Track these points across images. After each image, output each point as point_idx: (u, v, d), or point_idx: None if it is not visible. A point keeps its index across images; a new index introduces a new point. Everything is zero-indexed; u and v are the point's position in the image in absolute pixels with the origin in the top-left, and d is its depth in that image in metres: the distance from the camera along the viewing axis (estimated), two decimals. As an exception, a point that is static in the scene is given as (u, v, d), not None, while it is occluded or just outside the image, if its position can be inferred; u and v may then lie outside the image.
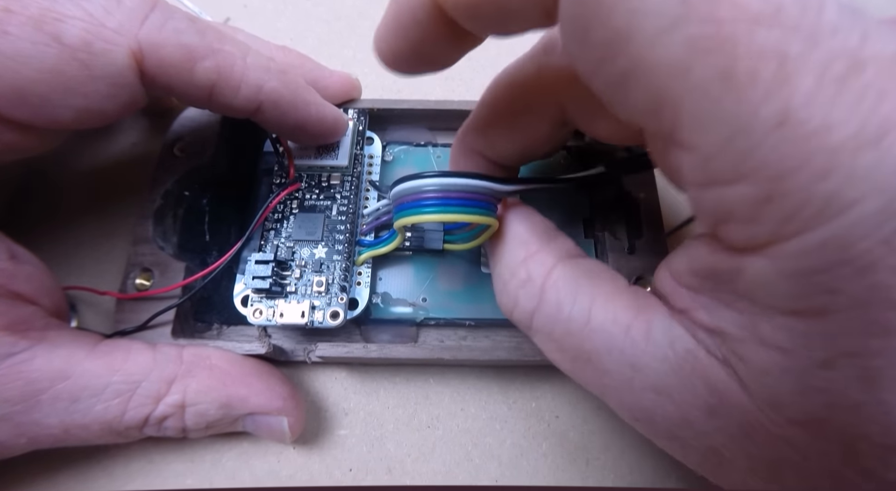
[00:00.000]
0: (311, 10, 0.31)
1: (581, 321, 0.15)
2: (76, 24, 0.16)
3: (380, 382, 0.22)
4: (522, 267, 0.16)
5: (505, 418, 0.22)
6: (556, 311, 0.15)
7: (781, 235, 0.10)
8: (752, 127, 0.09)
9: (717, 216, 0.11)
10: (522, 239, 0.17)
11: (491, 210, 0.17)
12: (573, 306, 0.15)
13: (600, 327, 0.14)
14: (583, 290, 0.15)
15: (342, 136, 0.22)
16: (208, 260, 0.23)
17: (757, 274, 0.11)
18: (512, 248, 0.17)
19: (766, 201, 0.10)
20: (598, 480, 0.21)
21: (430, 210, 0.16)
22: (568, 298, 0.15)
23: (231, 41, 0.19)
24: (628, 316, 0.14)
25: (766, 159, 0.10)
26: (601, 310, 0.15)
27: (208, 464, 0.21)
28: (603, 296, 0.15)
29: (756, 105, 0.09)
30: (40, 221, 0.25)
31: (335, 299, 0.20)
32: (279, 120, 0.20)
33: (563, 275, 0.16)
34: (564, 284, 0.15)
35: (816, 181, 0.09)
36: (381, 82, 0.29)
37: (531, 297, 0.16)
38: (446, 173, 0.17)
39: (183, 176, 0.23)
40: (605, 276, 0.16)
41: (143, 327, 0.20)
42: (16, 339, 0.17)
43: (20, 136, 0.18)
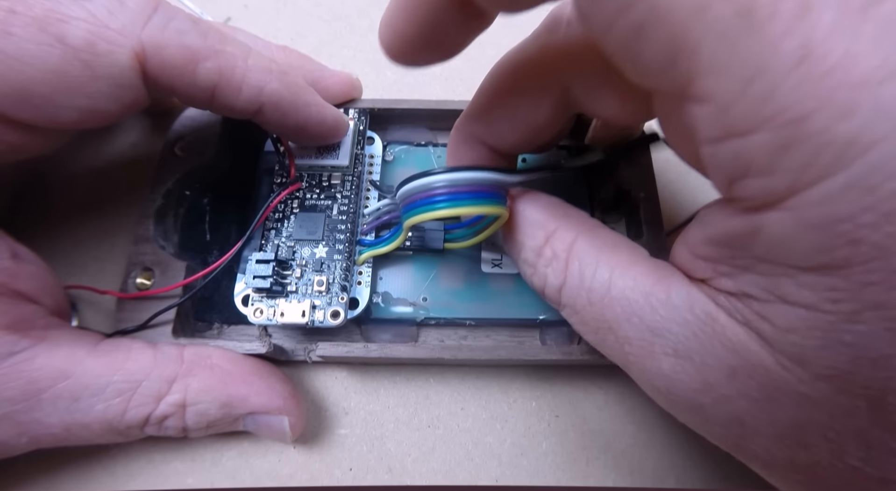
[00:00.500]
0: (311, 10, 0.31)
1: (602, 290, 0.15)
2: (80, 25, 0.17)
3: (380, 381, 0.22)
4: (547, 247, 0.17)
5: (505, 418, 0.22)
6: (579, 282, 0.16)
7: (800, 184, 0.10)
8: (771, 66, 0.09)
9: (733, 172, 0.11)
10: (539, 222, 0.17)
11: (501, 200, 0.18)
12: (594, 276, 0.15)
13: (620, 295, 0.15)
14: (603, 259, 0.15)
15: (343, 138, 0.22)
16: (209, 259, 0.23)
17: (776, 230, 0.10)
18: (532, 232, 0.17)
19: (784, 149, 0.09)
20: (598, 479, 0.21)
21: (441, 206, 0.17)
22: (589, 268, 0.15)
23: (233, 42, 0.19)
24: (647, 283, 0.14)
25: (785, 102, 0.09)
26: (621, 278, 0.15)
27: (209, 463, 0.21)
28: (622, 265, 0.15)
29: (776, 41, 0.09)
30: (41, 221, 0.25)
31: (336, 299, 0.20)
32: (280, 121, 0.20)
33: (584, 246, 0.16)
34: (586, 255, 0.16)
35: (838, 121, 0.09)
36: (381, 82, 0.29)
37: (558, 273, 0.16)
38: (453, 169, 0.17)
39: (184, 175, 0.23)
40: (624, 246, 0.16)
41: (144, 327, 0.20)
42: (17, 338, 0.17)
43: (23, 136, 0.18)
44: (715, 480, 0.21)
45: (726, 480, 0.21)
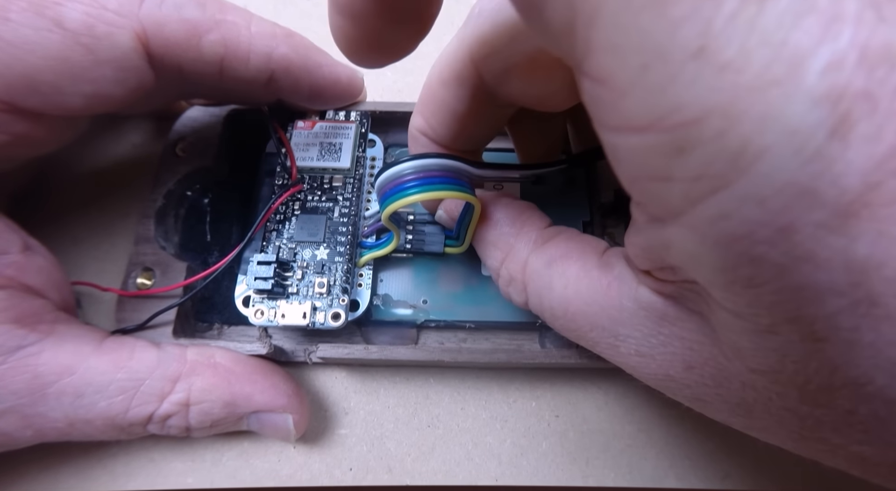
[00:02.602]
0: (311, 10, 0.31)
1: (561, 308, 0.16)
2: (76, 7, 0.16)
3: (380, 381, 0.22)
4: (504, 269, 0.17)
5: (505, 418, 0.22)
6: (538, 301, 0.16)
7: (695, 196, 0.09)
8: (669, 53, 0.08)
9: (630, 173, 0.10)
10: (493, 242, 0.18)
11: (470, 189, 0.18)
12: (550, 296, 0.16)
13: (577, 310, 0.15)
14: (556, 276, 0.16)
15: (358, 97, 0.22)
16: (209, 260, 0.23)
17: (680, 247, 0.10)
18: (490, 253, 0.18)
19: (678, 153, 0.08)
20: (598, 479, 0.21)
21: (412, 191, 0.17)
22: (545, 289, 0.16)
23: (233, 10, 0.19)
24: (600, 293, 0.15)
25: (679, 98, 0.08)
26: (575, 294, 0.15)
27: (209, 463, 0.21)
28: (575, 277, 0.15)
29: (676, 24, 0.08)
30: (42, 221, 0.25)
31: (336, 301, 0.20)
32: (293, 87, 0.20)
33: (537, 266, 0.16)
34: (539, 276, 0.16)
35: (730, 126, 0.08)
36: (381, 83, 0.29)
37: (519, 293, 0.17)
38: (422, 155, 0.17)
39: (185, 176, 0.23)
40: (575, 254, 0.16)
41: (144, 326, 0.20)
42: (25, 332, 0.17)
43: (32, 126, 0.18)
44: (715, 480, 0.21)
45: (726, 479, 0.21)
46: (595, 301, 0.15)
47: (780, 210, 0.08)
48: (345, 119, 0.23)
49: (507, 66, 0.16)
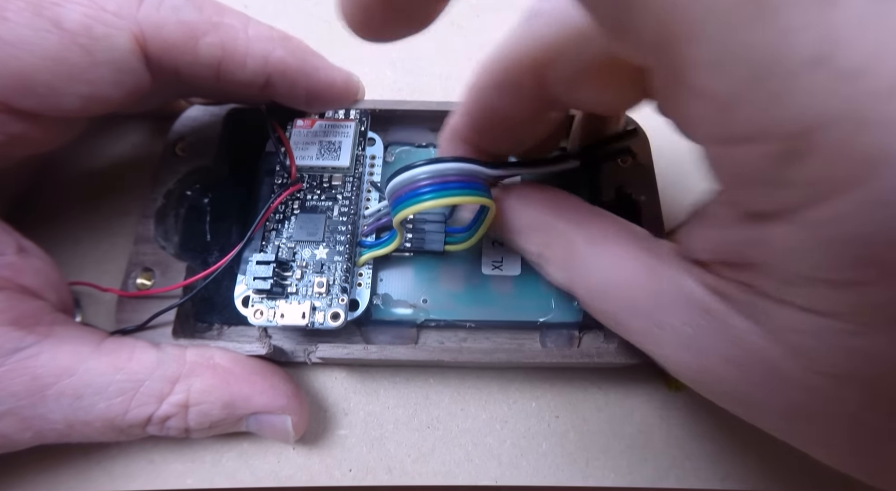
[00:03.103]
0: (311, 10, 0.31)
1: (601, 289, 0.16)
2: (75, 8, 0.16)
3: (380, 382, 0.22)
4: (547, 250, 0.17)
5: (505, 418, 0.22)
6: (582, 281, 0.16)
7: (811, 200, 0.09)
8: (783, 65, 0.08)
9: (735, 178, 0.10)
10: (531, 225, 0.18)
11: (486, 191, 0.18)
12: (591, 274, 0.16)
13: (618, 293, 0.15)
14: (599, 256, 0.16)
15: (356, 100, 0.22)
16: (209, 260, 0.23)
17: (784, 243, 0.10)
18: (529, 237, 0.18)
19: (794, 160, 0.09)
20: (598, 479, 0.21)
21: (427, 197, 0.17)
22: (589, 267, 0.16)
23: (230, 13, 0.19)
24: (643, 276, 0.15)
25: (797, 109, 0.08)
26: (617, 274, 0.15)
27: (208, 464, 0.21)
28: (619, 258, 0.15)
29: (791, 35, 0.08)
30: (42, 221, 0.25)
31: (336, 300, 0.20)
32: (289, 90, 0.20)
33: (580, 247, 0.16)
34: (583, 255, 0.16)
35: (857, 133, 0.08)
36: (381, 83, 0.29)
37: (562, 273, 0.17)
38: (436, 160, 0.17)
39: (185, 176, 0.23)
40: (619, 235, 0.16)
41: (144, 327, 0.20)
42: (23, 334, 0.17)
43: (28, 126, 0.17)
44: (715, 480, 0.21)
45: (726, 479, 0.21)
46: (639, 283, 0.15)
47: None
48: (344, 117, 0.23)
49: (577, 71, 0.15)
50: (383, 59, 0.29)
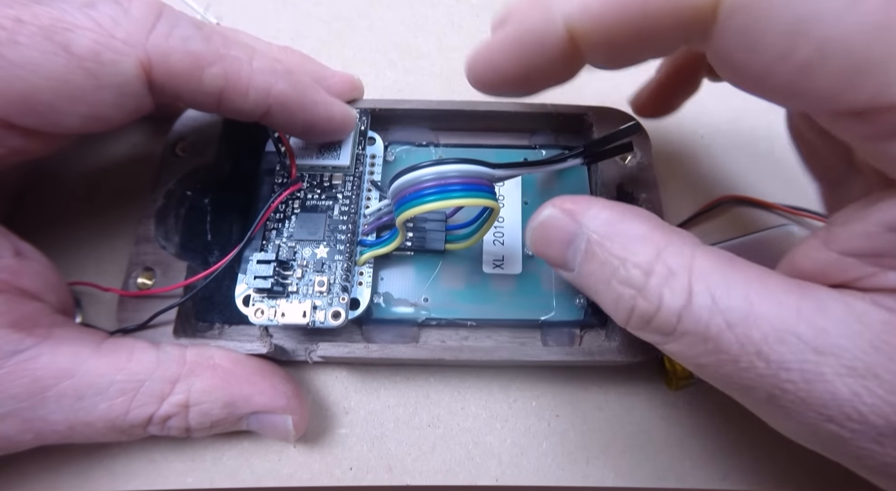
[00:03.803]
0: (311, 10, 0.31)
1: (742, 310, 0.13)
2: (85, 34, 0.17)
3: (380, 381, 0.22)
4: (659, 263, 0.14)
5: (505, 417, 0.22)
6: (711, 303, 0.13)
7: None
8: None
9: None
10: (645, 236, 0.15)
11: (490, 192, 0.18)
12: (729, 293, 0.13)
13: (767, 313, 0.12)
14: (733, 276, 0.13)
15: (350, 133, 0.22)
16: (210, 259, 0.23)
17: None
18: (636, 248, 0.15)
19: None
20: (598, 479, 0.21)
21: (431, 198, 0.17)
22: (721, 286, 0.13)
23: (237, 45, 0.19)
24: (793, 297, 0.13)
25: None
26: (760, 294, 0.13)
27: (209, 463, 0.21)
28: (756, 279, 0.13)
29: None
30: (42, 221, 0.25)
31: (337, 299, 0.20)
32: (288, 121, 0.20)
33: (707, 262, 0.14)
34: (711, 271, 0.14)
35: None
36: (381, 82, 0.29)
37: (679, 293, 0.13)
38: (440, 161, 0.17)
39: (185, 175, 0.23)
40: (743, 260, 0.14)
41: (145, 326, 0.20)
42: (22, 336, 0.17)
43: (26, 141, 0.18)
44: (715, 480, 0.21)
45: (726, 479, 0.21)
46: (789, 303, 0.12)
47: None
48: (345, 118, 0.23)
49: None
50: (383, 59, 0.29)
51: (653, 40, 0.13)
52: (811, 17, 0.10)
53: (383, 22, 0.30)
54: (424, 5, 0.31)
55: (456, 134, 0.25)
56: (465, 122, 0.25)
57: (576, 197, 0.16)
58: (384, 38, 0.30)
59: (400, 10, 0.31)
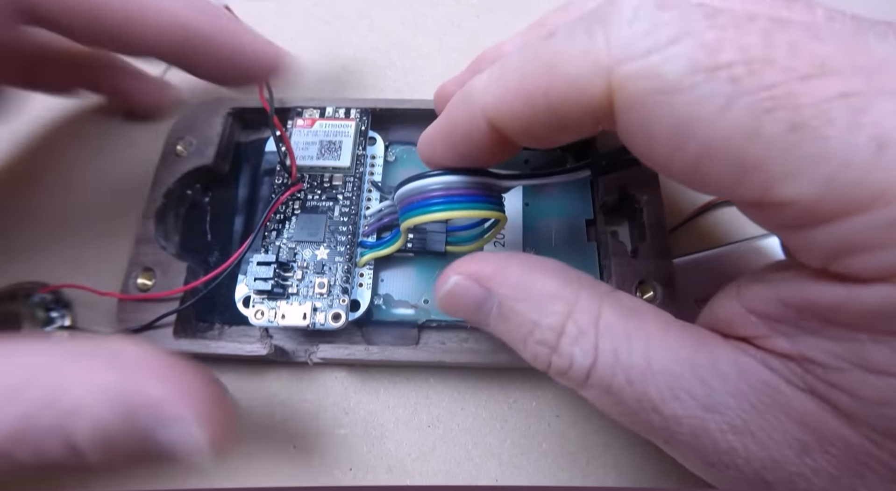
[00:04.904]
0: (311, 10, 0.31)
1: (641, 366, 0.13)
2: None
3: (380, 381, 0.22)
4: (570, 322, 0.14)
5: (505, 418, 0.22)
6: (613, 360, 0.14)
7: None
8: (852, 159, 0.10)
9: (834, 251, 0.11)
10: (555, 293, 0.15)
11: (498, 204, 0.18)
12: (630, 350, 0.14)
13: (662, 369, 0.13)
14: (634, 330, 0.14)
15: (285, 72, 0.20)
16: (210, 259, 0.23)
17: (880, 303, 0.11)
18: (548, 307, 0.15)
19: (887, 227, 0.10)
20: (598, 479, 0.21)
21: (436, 208, 0.17)
22: (623, 343, 0.14)
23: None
24: (689, 352, 0.13)
25: (883, 184, 0.10)
26: (659, 349, 0.13)
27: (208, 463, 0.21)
28: (656, 333, 0.14)
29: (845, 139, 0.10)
30: (42, 221, 0.25)
31: (337, 301, 0.20)
32: (203, 58, 0.18)
33: (611, 317, 0.14)
34: (615, 327, 0.14)
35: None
36: (381, 82, 0.29)
37: (587, 351, 0.14)
38: (448, 171, 0.17)
39: (185, 175, 0.23)
40: (648, 310, 0.15)
41: (150, 327, 0.20)
42: None
43: None
44: (713, 481, 0.21)
45: (725, 480, 0.21)
46: (684, 359, 0.13)
47: None
48: (345, 116, 0.23)
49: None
50: (383, 59, 0.29)
51: (567, 128, 0.14)
52: (691, 118, 0.11)
53: (383, 22, 0.30)
54: (424, 5, 0.31)
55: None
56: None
57: (479, 256, 0.16)
58: (384, 38, 0.30)
59: (400, 10, 0.31)
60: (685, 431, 0.13)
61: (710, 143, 0.11)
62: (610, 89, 0.12)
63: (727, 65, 0.11)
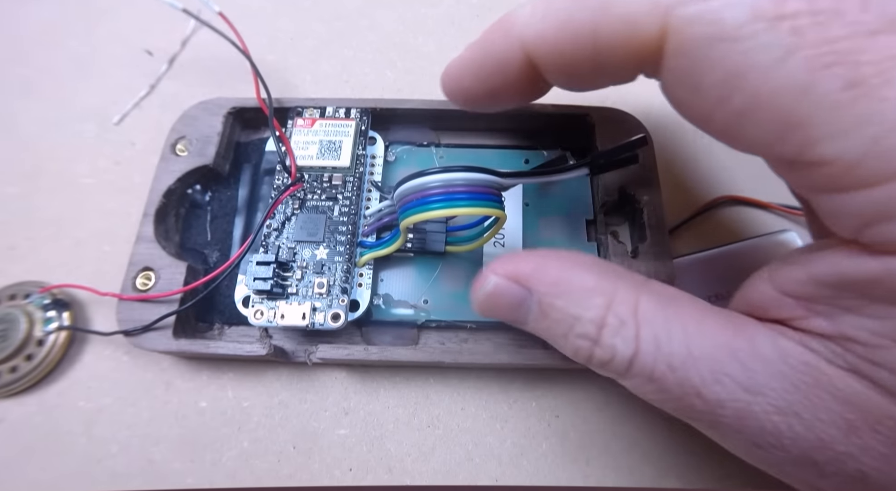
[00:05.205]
0: (311, 10, 0.31)
1: (682, 353, 0.13)
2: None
3: (380, 381, 0.22)
4: (610, 314, 0.15)
5: (505, 418, 0.22)
6: (654, 348, 0.14)
7: None
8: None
9: (868, 218, 0.11)
10: (594, 287, 0.15)
11: (497, 201, 0.17)
12: (670, 338, 0.14)
13: (703, 354, 0.13)
14: (673, 318, 0.14)
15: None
16: (210, 259, 0.23)
17: None
18: (588, 301, 0.15)
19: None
20: (598, 479, 0.21)
21: (436, 206, 0.17)
22: (663, 331, 0.14)
23: None
24: (727, 337, 0.13)
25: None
26: (698, 335, 0.14)
27: (208, 463, 0.21)
28: (694, 320, 0.14)
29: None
30: (42, 221, 0.25)
31: (336, 301, 0.20)
32: None
33: (650, 306, 0.14)
34: (654, 316, 0.14)
35: None
36: (381, 82, 0.29)
37: (628, 341, 0.14)
38: (447, 168, 0.17)
39: (185, 175, 0.23)
40: (683, 297, 0.15)
41: (149, 329, 0.20)
42: None
43: None
44: (715, 480, 0.21)
45: (726, 480, 0.21)
46: (723, 344, 0.13)
47: None
48: (345, 116, 0.23)
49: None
50: (383, 59, 0.29)
51: (606, 70, 0.14)
52: (744, 69, 0.11)
53: (383, 22, 0.30)
54: (424, 5, 0.31)
55: (457, 134, 0.25)
56: (466, 122, 0.25)
57: (516, 256, 0.16)
58: (384, 38, 0.30)
59: (400, 10, 0.31)
60: (729, 413, 0.13)
61: (758, 96, 0.11)
62: (663, 32, 0.12)
63: (792, 15, 0.10)
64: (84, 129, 0.27)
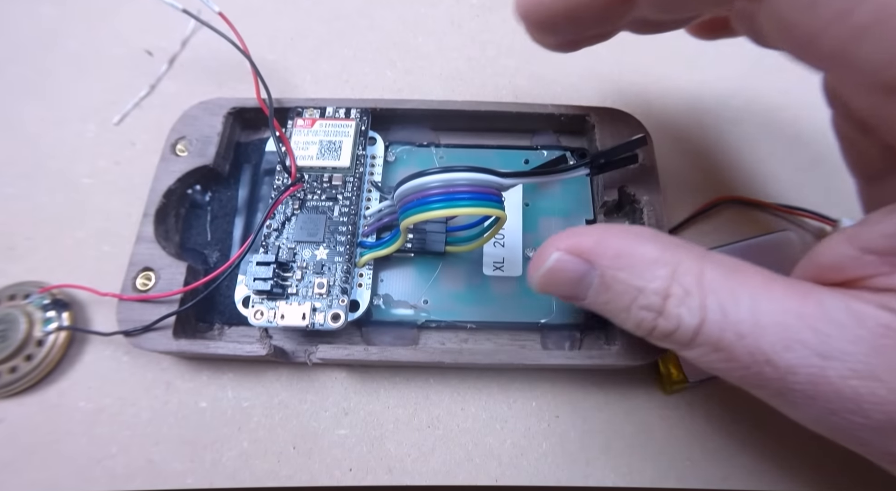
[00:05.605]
0: (311, 10, 0.31)
1: (750, 321, 0.13)
2: None
3: (380, 381, 0.22)
4: (675, 284, 0.14)
5: (505, 418, 0.22)
6: (721, 317, 0.14)
7: None
8: None
9: None
10: (657, 258, 0.15)
11: (497, 201, 0.17)
12: (738, 306, 0.14)
13: (772, 321, 0.13)
14: (738, 286, 0.14)
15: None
16: (210, 259, 0.23)
17: None
18: (652, 272, 0.15)
19: None
20: (598, 479, 0.21)
21: (436, 206, 0.17)
22: (729, 299, 0.14)
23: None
24: (796, 303, 0.13)
25: None
26: (765, 303, 0.13)
27: (208, 464, 0.21)
28: (760, 288, 0.14)
29: None
30: (42, 221, 0.25)
31: (336, 301, 0.20)
32: None
33: (714, 275, 0.14)
34: (720, 285, 0.14)
35: None
36: (381, 82, 0.29)
37: (694, 311, 0.14)
38: (448, 168, 0.17)
39: (185, 175, 0.23)
40: (747, 266, 0.14)
41: (149, 329, 0.20)
42: None
43: None
44: (715, 480, 0.21)
45: (726, 480, 0.21)
46: (793, 310, 0.13)
47: None
48: (345, 116, 0.23)
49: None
50: (383, 59, 0.29)
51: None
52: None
53: (383, 22, 0.30)
54: (424, 5, 0.31)
55: (457, 134, 0.25)
56: (466, 122, 0.25)
57: (577, 231, 0.16)
58: (384, 38, 0.30)
59: (400, 10, 0.31)
60: (802, 379, 0.13)
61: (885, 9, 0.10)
62: None
63: None
64: (84, 129, 0.27)
